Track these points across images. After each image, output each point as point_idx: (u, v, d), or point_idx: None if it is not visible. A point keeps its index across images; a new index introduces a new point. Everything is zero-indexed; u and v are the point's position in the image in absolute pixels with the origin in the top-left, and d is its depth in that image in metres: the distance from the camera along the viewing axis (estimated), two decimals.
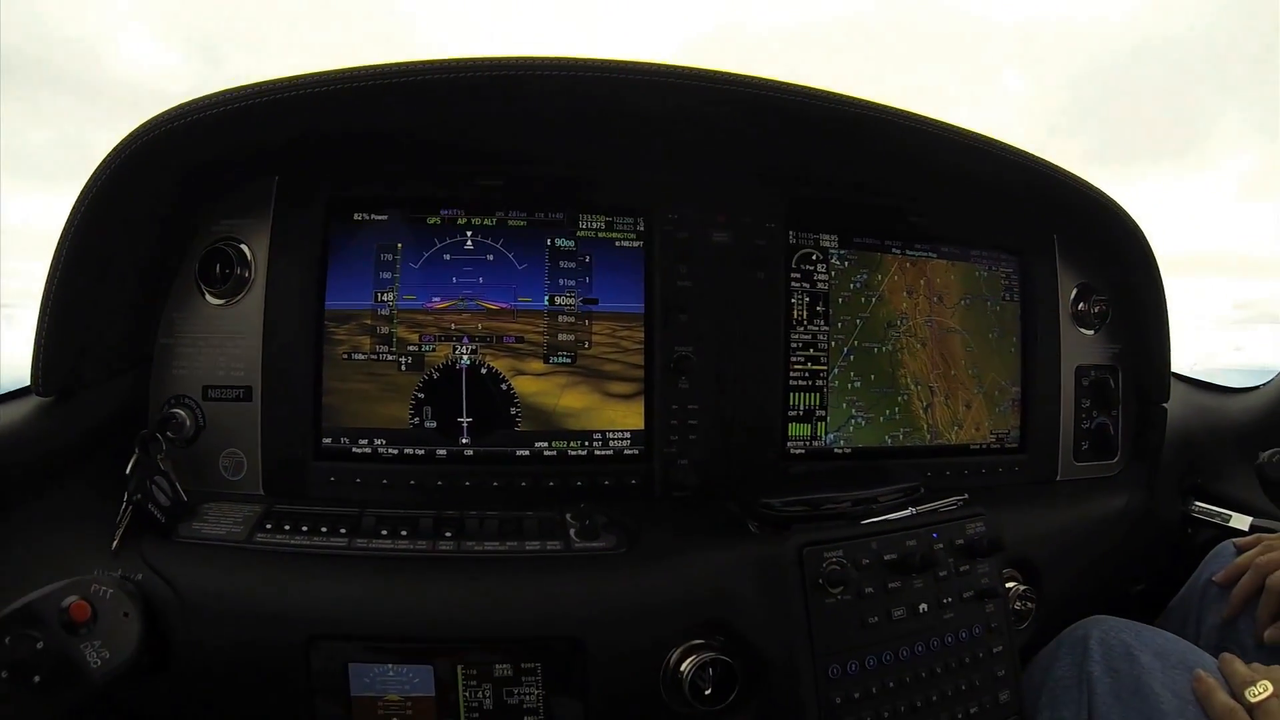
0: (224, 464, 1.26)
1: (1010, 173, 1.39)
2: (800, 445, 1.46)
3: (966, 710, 1.23)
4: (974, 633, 1.27)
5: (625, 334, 1.35)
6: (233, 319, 1.26)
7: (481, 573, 1.14)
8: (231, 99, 1.06)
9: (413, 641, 1.10)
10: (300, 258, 1.26)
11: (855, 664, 1.18)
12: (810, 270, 1.44)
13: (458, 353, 1.29)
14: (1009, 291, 1.59)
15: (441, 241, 1.29)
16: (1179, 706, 1.12)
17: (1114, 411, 1.64)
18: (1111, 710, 1.15)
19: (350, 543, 1.14)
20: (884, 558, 1.21)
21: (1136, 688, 1.15)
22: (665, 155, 1.35)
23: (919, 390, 1.51)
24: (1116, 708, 1.15)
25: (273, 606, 1.07)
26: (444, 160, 1.30)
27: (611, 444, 1.35)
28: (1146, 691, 1.13)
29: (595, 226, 1.34)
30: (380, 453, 1.28)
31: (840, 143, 1.31)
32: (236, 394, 1.26)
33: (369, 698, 1.09)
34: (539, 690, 1.13)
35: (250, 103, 1.07)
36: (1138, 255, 1.52)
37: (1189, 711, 1.11)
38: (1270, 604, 1.27)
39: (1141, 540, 1.61)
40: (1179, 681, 1.15)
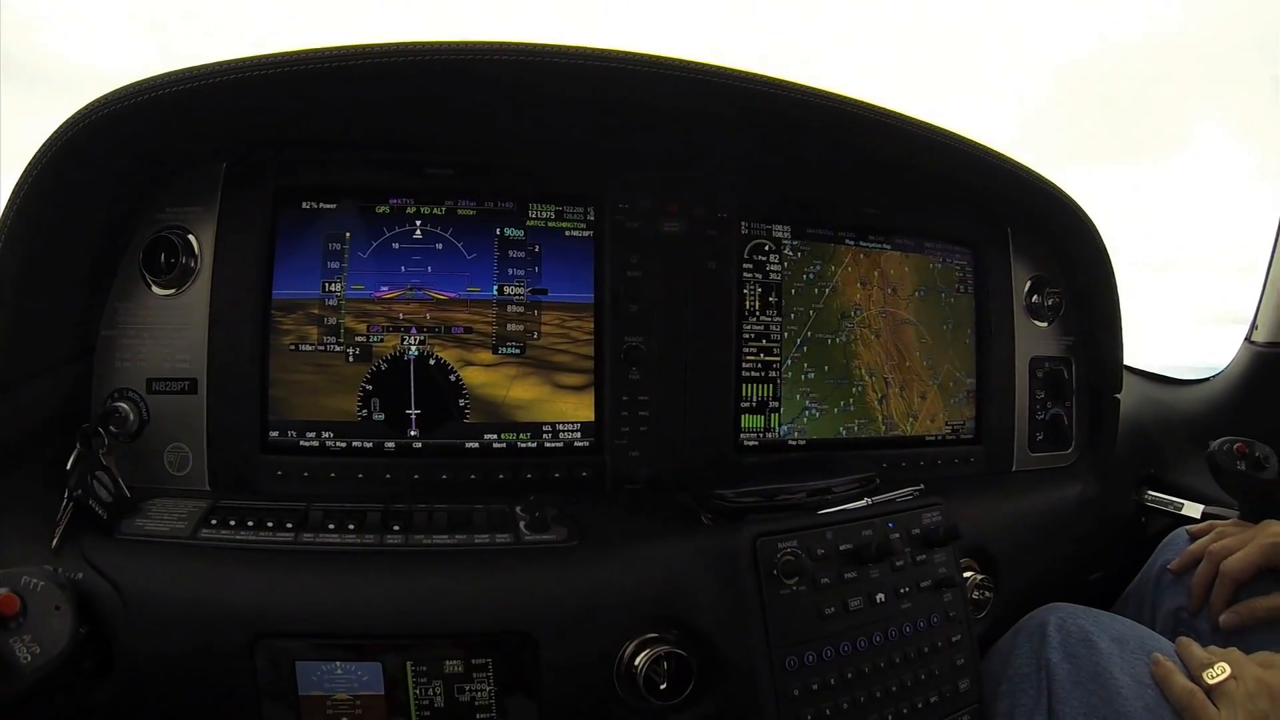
0: (169, 459, 1.21)
1: (964, 165, 1.38)
2: (754, 437, 1.42)
3: (926, 699, 1.20)
4: (932, 622, 1.24)
5: (575, 324, 1.31)
6: (178, 309, 1.21)
7: (430, 566, 1.10)
8: (181, 80, 1.02)
9: (360, 638, 1.06)
10: (247, 247, 1.22)
11: (812, 655, 1.14)
12: (763, 261, 1.41)
13: (406, 343, 1.25)
14: (963, 284, 1.57)
15: (390, 230, 1.25)
16: (1138, 691, 1.10)
17: (1068, 403, 1.63)
18: (1071, 696, 1.13)
19: (297, 537, 1.09)
20: (840, 548, 1.18)
21: (1095, 673, 1.12)
22: (616, 145, 1.32)
23: (874, 381, 1.49)
24: (1076, 694, 1.13)
25: (217, 604, 1.03)
26: (394, 148, 1.27)
27: (562, 436, 1.31)
28: (1105, 677, 1.11)
29: (545, 216, 1.30)
30: (328, 446, 1.24)
31: (793, 133, 1.29)
32: (181, 386, 1.21)
33: (317, 696, 1.05)
34: (491, 687, 1.08)
35: (200, 84, 1.02)
36: (1090, 248, 1.51)
37: (1148, 695, 1.09)
38: (1224, 590, 1.26)
39: (1097, 529, 1.60)
40: (1137, 666, 1.13)
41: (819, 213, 1.46)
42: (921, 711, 1.19)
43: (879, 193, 1.49)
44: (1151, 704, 1.09)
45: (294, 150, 1.25)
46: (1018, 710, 1.19)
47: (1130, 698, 1.09)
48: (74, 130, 1.02)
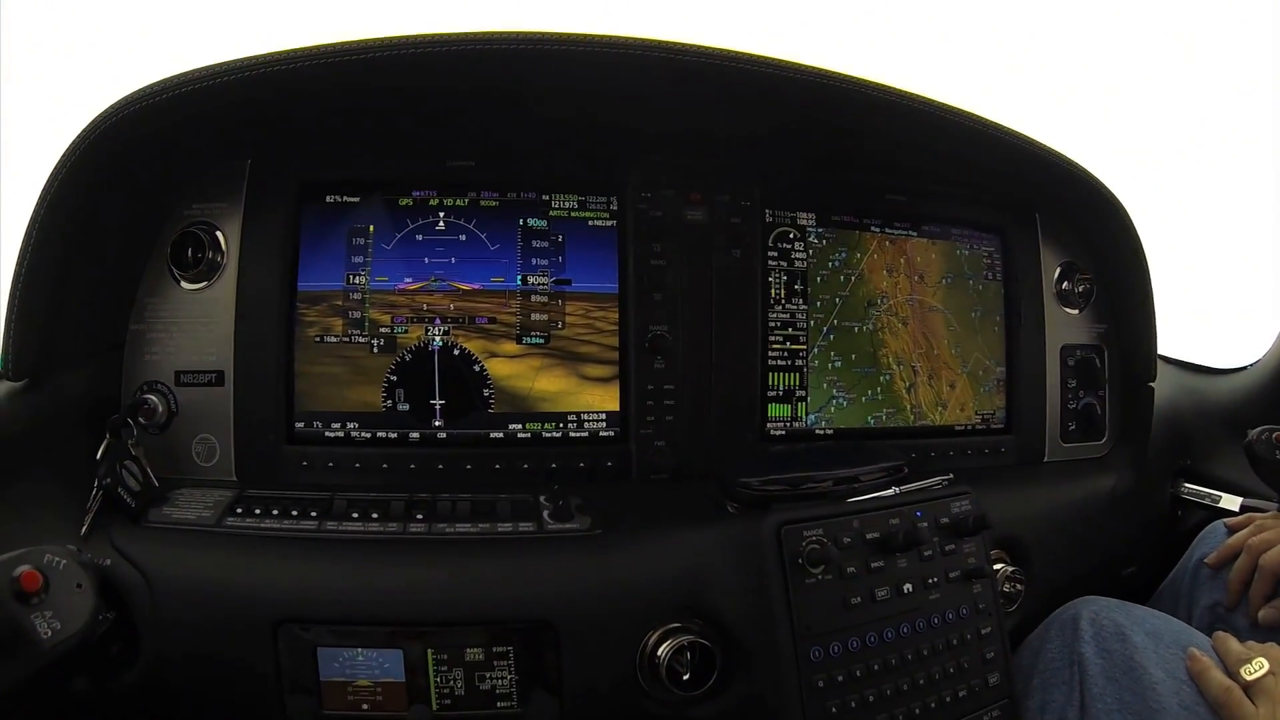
0: (196, 450, 1.19)
1: (989, 148, 1.31)
2: (780, 426, 1.37)
3: (955, 693, 1.14)
4: (961, 614, 1.18)
5: (600, 315, 1.27)
6: (205, 303, 1.19)
7: (452, 555, 1.07)
8: (207, 76, 1.00)
9: (381, 625, 1.03)
10: (272, 241, 1.19)
11: (838, 646, 1.09)
12: (788, 249, 1.35)
13: (430, 334, 1.22)
14: (991, 270, 1.49)
15: (414, 223, 1.22)
16: (1173, 686, 1.04)
17: (1101, 392, 1.55)
18: (1104, 691, 1.07)
19: (320, 525, 1.07)
20: (866, 536, 1.13)
21: (1129, 668, 1.06)
22: (638, 134, 1.27)
23: (901, 370, 1.43)
24: (1109, 689, 1.07)
25: (240, 590, 1.01)
26: (417, 141, 1.23)
27: (587, 426, 1.27)
28: (1139, 672, 1.05)
29: (568, 206, 1.26)
30: (353, 436, 1.21)
31: (816, 118, 1.24)
32: (209, 379, 1.18)
33: (338, 683, 1.03)
34: (511, 675, 1.05)
35: (226, 79, 1.00)
36: (1121, 233, 1.43)
37: (1184, 691, 1.03)
38: (1263, 584, 1.20)
39: (1131, 522, 1.52)
40: (1173, 661, 1.07)
41: (844, 200, 1.40)
42: (950, 705, 1.14)
43: (904, 178, 1.42)
44: (1187, 700, 1.03)
45: (317, 146, 1.22)
46: (1049, 705, 1.14)
47: (1165, 694, 1.03)
48: (102, 128, 1.00)
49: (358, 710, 1.04)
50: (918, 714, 1.11)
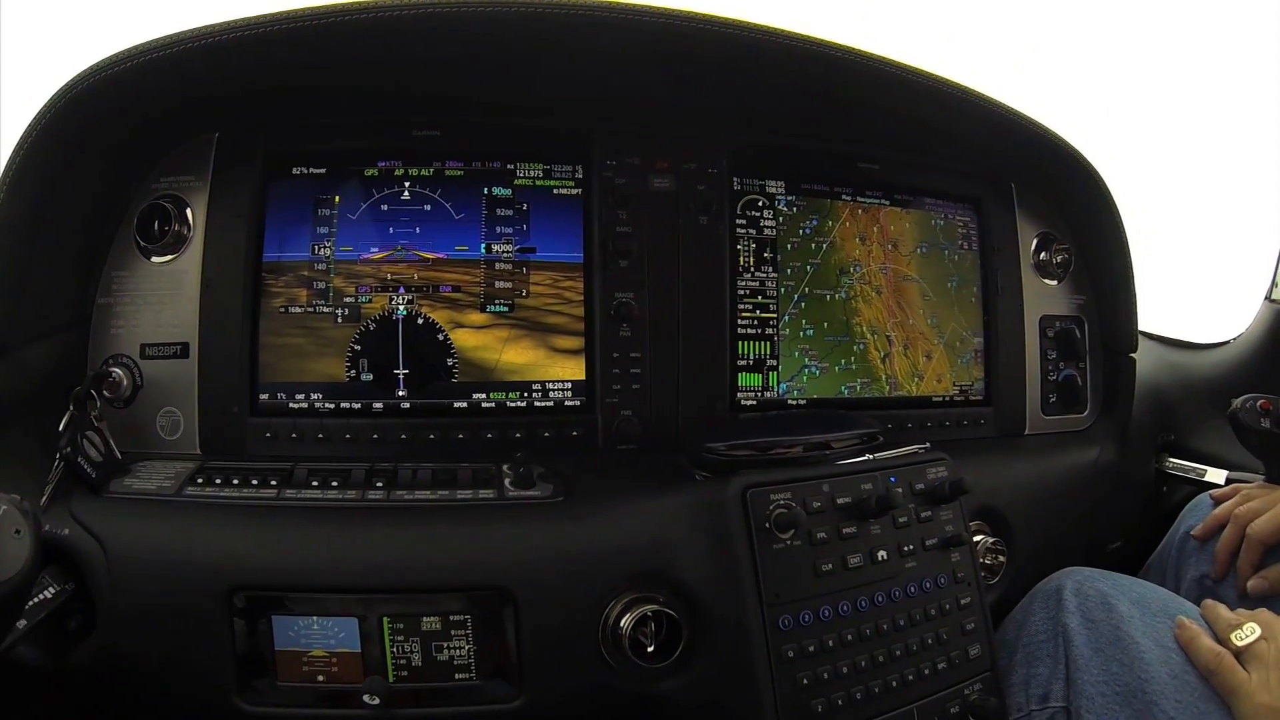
0: (161, 424, 1.12)
1: (965, 116, 1.23)
2: (751, 396, 1.28)
3: (934, 665, 1.05)
4: (939, 583, 1.09)
5: (568, 284, 1.19)
6: (171, 275, 1.12)
7: (410, 522, 0.99)
8: (171, 44, 0.94)
9: (336, 592, 0.96)
10: (239, 213, 1.12)
11: (809, 614, 1.00)
12: (756, 216, 1.27)
13: (394, 303, 1.15)
14: (967, 240, 1.40)
15: (379, 192, 1.15)
16: (1161, 655, 0.95)
17: (1081, 363, 1.46)
18: (1090, 662, 0.97)
19: (279, 494, 1.00)
20: (837, 501, 1.04)
21: (1116, 638, 0.97)
22: (604, 102, 1.20)
23: (876, 340, 1.34)
24: (1095, 659, 0.97)
25: (195, 558, 0.94)
26: (382, 111, 1.17)
27: (552, 395, 1.19)
28: (1127, 641, 0.96)
29: (533, 175, 1.19)
30: (316, 407, 1.13)
31: (783, 84, 1.16)
32: (174, 351, 1.11)
33: (293, 653, 0.96)
34: (469, 645, 0.97)
35: (190, 46, 0.94)
36: (1100, 203, 1.34)
37: (1172, 660, 0.94)
38: (1251, 554, 1.10)
39: (1116, 496, 1.42)
40: (1160, 629, 0.98)
41: (814, 168, 1.31)
42: (929, 678, 1.05)
43: (876, 147, 1.34)
44: (1176, 669, 0.94)
45: (284, 118, 1.15)
46: (1034, 680, 1.05)
47: (1153, 663, 0.94)
48: (68, 97, 0.94)
49: (313, 682, 0.97)
50: (895, 686, 1.02)
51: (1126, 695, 0.94)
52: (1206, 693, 0.92)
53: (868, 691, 1.00)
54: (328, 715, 0.99)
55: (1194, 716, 0.91)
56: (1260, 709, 0.87)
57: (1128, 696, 0.94)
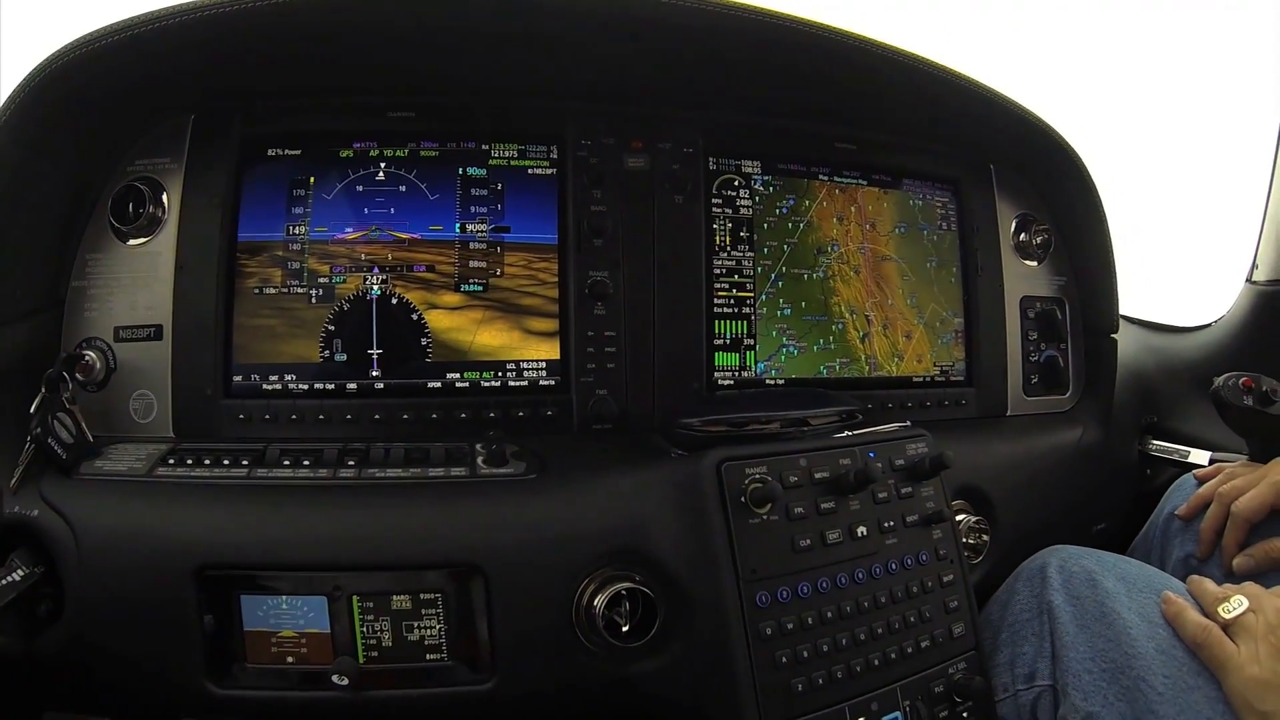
0: (134, 407, 1.07)
1: (943, 96, 1.19)
2: (728, 375, 1.23)
3: (917, 643, 1.00)
4: (921, 560, 1.04)
5: (543, 266, 1.15)
6: (146, 258, 1.08)
7: (381, 499, 0.95)
8: (143, 22, 0.91)
9: (305, 570, 0.91)
10: (214, 194, 1.09)
11: (786, 590, 0.95)
12: (732, 196, 1.23)
13: (368, 283, 1.11)
14: (946, 221, 1.36)
15: (354, 173, 1.11)
16: (1148, 631, 0.90)
17: (1063, 344, 1.41)
18: (1076, 639, 0.93)
19: (250, 473, 0.96)
20: (815, 476, 1.00)
21: (1101, 614, 0.93)
22: (578, 82, 1.16)
23: (855, 319, 1.29)
24: (1081, 636, 0.92)
25: (164, 537, 0.90)
26: (357, 93, 1.13)
27: (526, 375, 1.15)
28: (1112, 617, 0.91)
29: (508, 155, 1.15)
30: (290, 388, 1.09)
31: (756, 63, 1.12)
32: (148, 333, 1.07)
33: (262, 633, 0.92)
34: (441, 625, 0.93)
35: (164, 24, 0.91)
36: (1078, 184, 1.30)
37: (1159, 635, 0.89)
38: (1236, 532, 1.06)
39: (1099, 478, 1.37)
40: (1146, 605, 0.93)
41: (790, 148, 1.27)
42: (912, 657, 1.00)
43: (853, 128, 1.30)
44: (1164, 645, 0.89)
45: (259, 100, 1.12)
46: (1019, 658, 1.00)
47: (1140, 638, 0.89)
48: (40, 79, 0.91)
49: (282, 663, 0.93)
50: (877, 665, 0.97)
51: (1113, 671, 0.89)
52: (1195, 666, 0.87)
53: (849, 670, 0.95)
54: (297, 698, 0.94)
55: (1182, 690, 0.86)
56: (1249, 681, 0.82)
57: (1115, 672, 0.89)
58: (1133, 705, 0.86)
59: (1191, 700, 0.85)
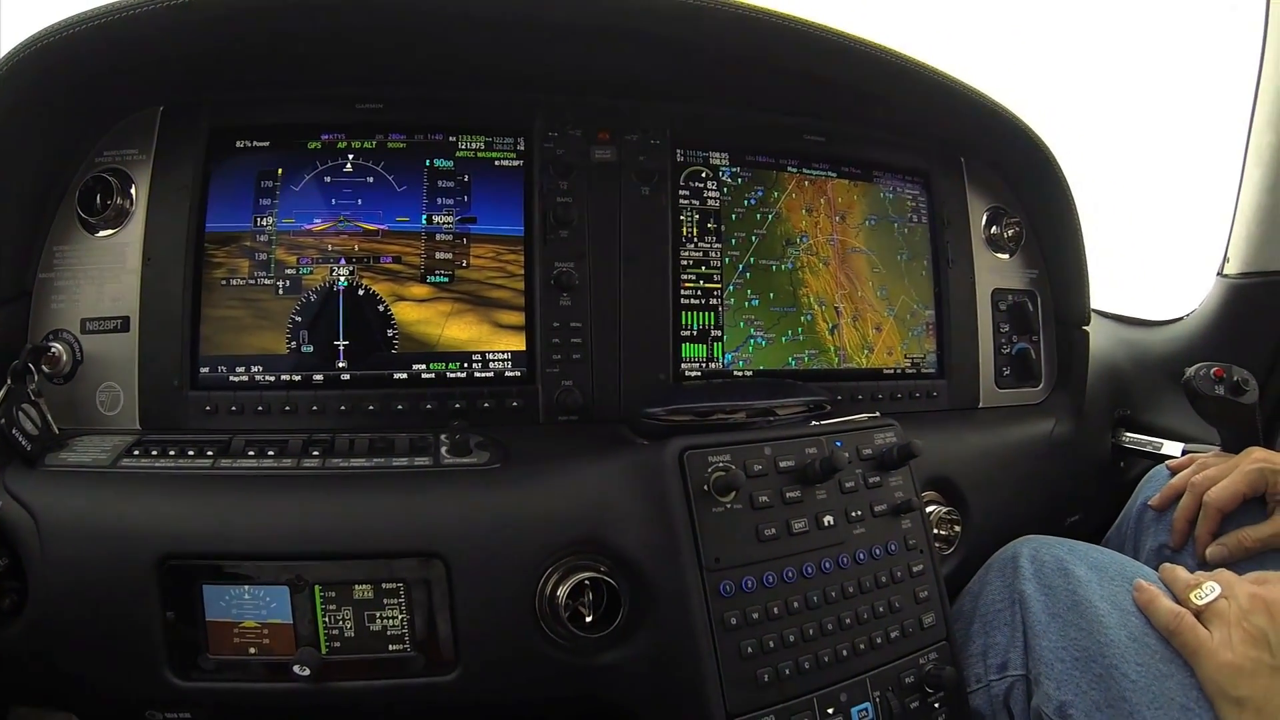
0: (100, 399, 1.02)
1: (911, 89, 1.14)
2: (695, 367, 1.17)
3: (887, 634, 0.94)
4: (890, 549, 0.98)
5: (511, 257, 1.10)
6: (113, 249, 1.03)
7: (344, 488, 0.90)
8: (111, 12, 0.86)
9: (267, 559, 0.86)
10: (182, 186, 1.04)
11: (751, 580, 0.89)
12: (700, 187, 1.17)
13: (335, 274, 1.05)
14: (916, 213, 1.30)
15: (322, 164, 1.06)
16: (1120, 619, 0.84)
17: (1035, 337, 1.35)
18: (1048, 629, 0.87)
19: (215, 463, 0.90)
20: (780, 464, 0.94)
21: (1074, 603, 0.87)
22: (545, 74, 1.11)
23: (824, 311, 1.23)
24: (1053, 625, 0.87)
25: (127, 527, 0.85)
26: (325, 84, 1.08)
27: (492, 366, 1.09)
28: (1085, 606, 0.86)
29: (475, 147, 1.10)
30: (257, 380, 1.04)
31: (727, 56, 1.07)
32: (115, 325, 1.02)
33: (224, 624, 0.86)
34: (403, 615, 0.87)
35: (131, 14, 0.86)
36: (1049, 176, 1.25)
37: (1131, 623, 0.84)
38: (1208, 522, 1.00)
39: (1071, 470, 1.31)
40: (1119, 593, 0.87)
41: (758, 140, 1.22)
42: (882, 647, 0.94)
43: (822, 120, 1.24)
44: (1136, 632, 0.84)
45: (228, 92, 1.07)
46: (991, 649, 0.94)
47: (1112, 626, 0.84)
48: (6, 69, 0.86)
49: (244, 654, 0.87)
50: (845, 655, 0.91)
51: (1086, 660, 0.84)
52: (1168, 654, 0.82)
53: (816, 660, 0.89)
54: (259, 689, 0.89)
55: (1155, 678, 0.81)
56: (1223, 667, 0.77)
57: (1087, 661, 0.84)
58: (1106, 694, 0.81)
59: (1165, 688, 0.80)
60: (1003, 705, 0.93)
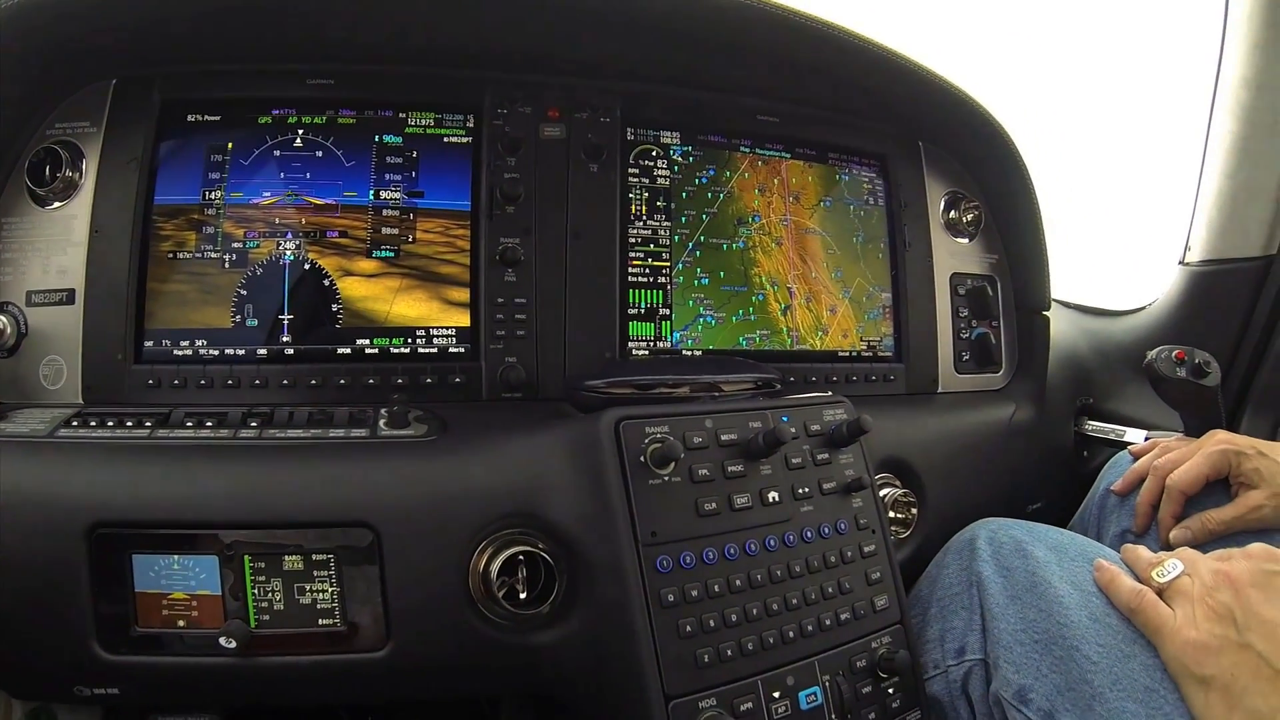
0: (44, 373, 0.93)
1: (869, 71, 1.06)
2: (643, 345, 1.07)
3: (836, 616, 0.84)
4: (839, 529, 0.88)
5: (460, 232, 1.01)
6: (61, 222, 0.95)
7: (279, 459, 0.81)
8: None
9: (197, 528, 0.78)
10: (132, 158, 0.96)
11: (690, 555, 0.79)
12: (650, 166, 1.08)
13: (281, 248, 0.97)
14: (873, 196, 1.20)
15: (272, 139, 0.98)
16: (1080, 599, 0.75)
17: (995, 322, 1.25)
18: (1006, 611, 0.78)
19: (152, 434, 0.82)
20: (721, 437, 0.84)
21: (1032, 584, 0.78)
22: (496, 52, 1.03)
23: (777, 291, 1.13)
24: (1012, 607, 0.78)
25: (59, 496, 0.77)
26: (277, 60, 1.00)
27: (436, 341, 1.00)
28: (1044, 586, 0.78)
29: (424, 124, 1.02)
30: (201, 354, 0.95)
31: (679, 33, 0.99)
32: (60, 297, 0.94)
33: (153, 595, 0.78)
34: (333, 588, 0.78)
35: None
36: (1008, 161, 1.16)
37: (1093, 603, 0.75)
38: (1171, 504, 0.91)
39: (1033, 456, 1.20)
40: (1079, 574, 0.78)
41: (711, 120, 1.12)
42: (832, 630, 0.83)
43: (776, 101, 1.15)
44: (1097, 612, 0.74)
45: (181, 66, 0.99)
46: (949, 634, 0.84)
47: (1072, 606, 0.75)
48: None
49: (172, 626, 0.79)
50: (792, 637, 0.81)
51: (1046, 642, 0.74)
52: (1130, 634, 0.72)
53: (761, 641, 0.79)
54: (186, 664, 0.80)
55: (1118, 659, 0.71)
56: (1187, 645, 0.66)
57: (1047, 643, 0.74)
58: (1066, 676, 0.72)
59: (1128, 669, 0.70)
60: (961, 691, 0.83)
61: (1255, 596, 0.66)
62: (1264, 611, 0.65)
